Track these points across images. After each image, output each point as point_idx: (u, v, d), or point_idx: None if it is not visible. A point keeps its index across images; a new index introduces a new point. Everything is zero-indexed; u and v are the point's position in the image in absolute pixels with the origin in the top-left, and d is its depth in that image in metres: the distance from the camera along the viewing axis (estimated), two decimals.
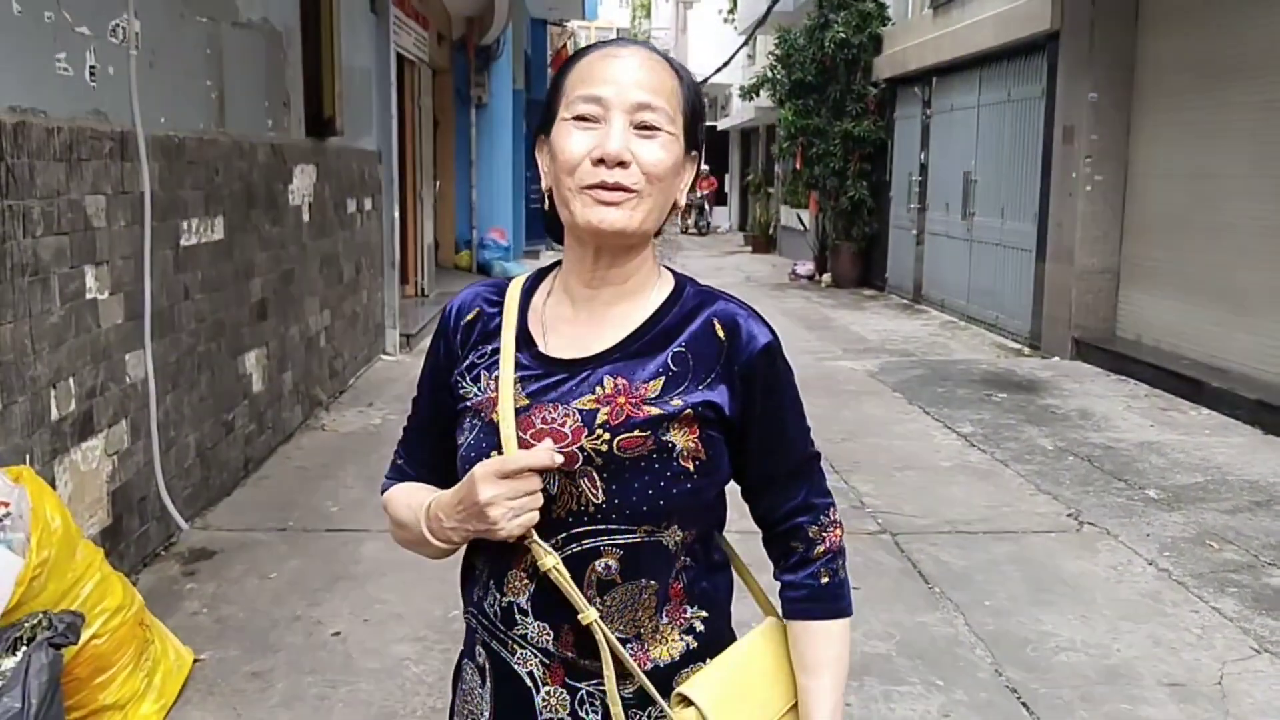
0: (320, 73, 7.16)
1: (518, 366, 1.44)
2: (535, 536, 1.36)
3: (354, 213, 8.18)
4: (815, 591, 1.47)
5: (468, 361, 1.50)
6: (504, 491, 1.33)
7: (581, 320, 1.46)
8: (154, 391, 4.43)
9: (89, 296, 3.97)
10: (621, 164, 1.35)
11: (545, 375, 1.43)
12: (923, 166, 14.10)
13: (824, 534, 1.49)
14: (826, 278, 16.40)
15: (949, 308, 13.07)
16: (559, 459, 1.35)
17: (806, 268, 17.13)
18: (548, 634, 1.42)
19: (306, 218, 6.83)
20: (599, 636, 1.37)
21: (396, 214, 9.62)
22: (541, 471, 1.35)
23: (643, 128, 1.36)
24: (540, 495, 1.35)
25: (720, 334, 1.42)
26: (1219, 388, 7.58)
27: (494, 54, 15.40)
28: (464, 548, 1.57)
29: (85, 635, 2.97)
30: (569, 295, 1.47)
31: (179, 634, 3.66)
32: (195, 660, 3.63)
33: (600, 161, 1.35)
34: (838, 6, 15.32)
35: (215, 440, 5.28)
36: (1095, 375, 9.00)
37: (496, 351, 1.46)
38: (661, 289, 1.48)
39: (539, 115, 1.49)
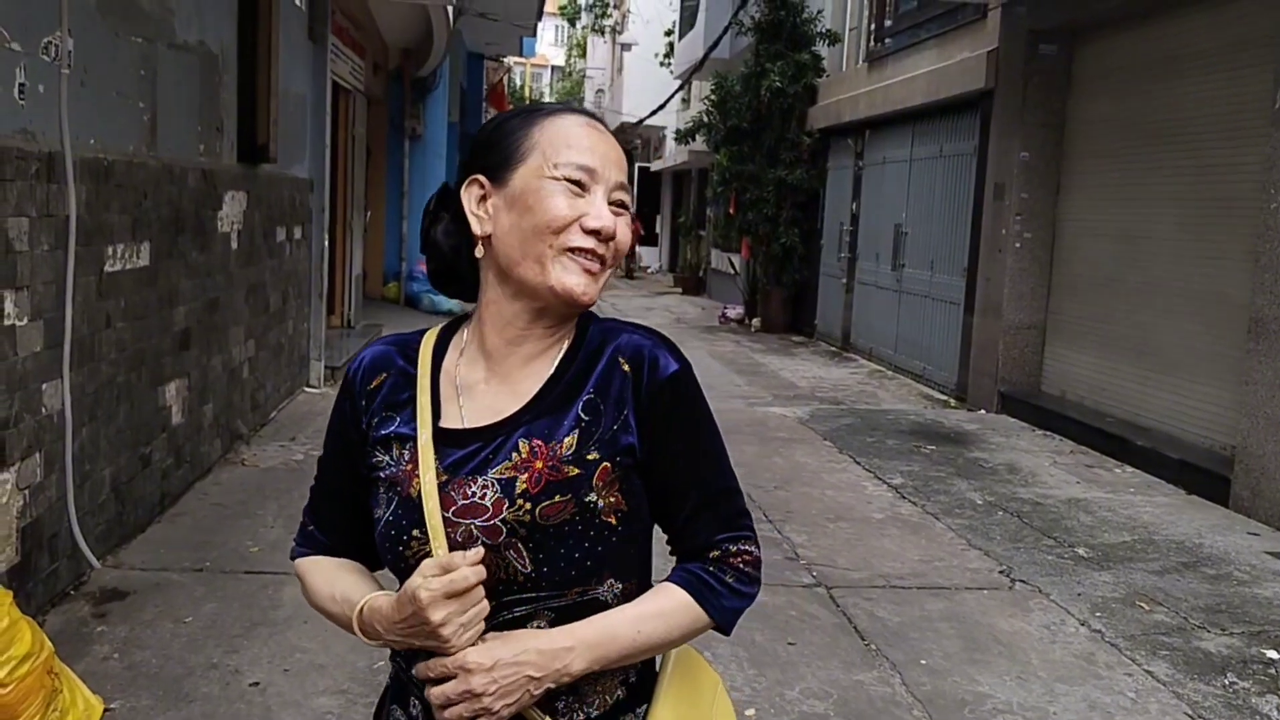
0: (255, 98, 7.01)
1: (433, 437, 1.39)
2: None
3: (283, 241, 8.00)
4: (690, 575, 1.41)
5: (378, 430, 1.43)
6: (455, 610, 1.28)
7: (495, 380, 1.41)
8: (70, 423, 4.24)
9: (7, 323, 3.78)
10: (610, 239, 1.38)
11: (461, 446, 1.38)
12: (854, 216, 14.24)
13: (728, 558, 1.42)
14: (756, 322, 16.46)
15: (877, 356, 13.17)
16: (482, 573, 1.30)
17: (736, 311, 17.19)
18: None
19: (235, 245, 6.65)
20: None
21: (326, 243, 9.45)
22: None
23: (618, 205, 1.39)
24: (486, 603, 1.30)
25: (626, 368, 1.39)
26: (1143, 446, 7.68)
27: (430, 86, 15.33)
28: None
29: None
30: (483, 352, 1.43)
31: (88, 680, 3.47)
32: (105, 710, 3.43)
33: (593, 232, 1.35)
34: (774, 56, 15.46)
35: (131, 474, 5.07)
36: (1021, 430, 9.10)
37: (409, 420, 1.40)
38: (568, 334, 1.44)
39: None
